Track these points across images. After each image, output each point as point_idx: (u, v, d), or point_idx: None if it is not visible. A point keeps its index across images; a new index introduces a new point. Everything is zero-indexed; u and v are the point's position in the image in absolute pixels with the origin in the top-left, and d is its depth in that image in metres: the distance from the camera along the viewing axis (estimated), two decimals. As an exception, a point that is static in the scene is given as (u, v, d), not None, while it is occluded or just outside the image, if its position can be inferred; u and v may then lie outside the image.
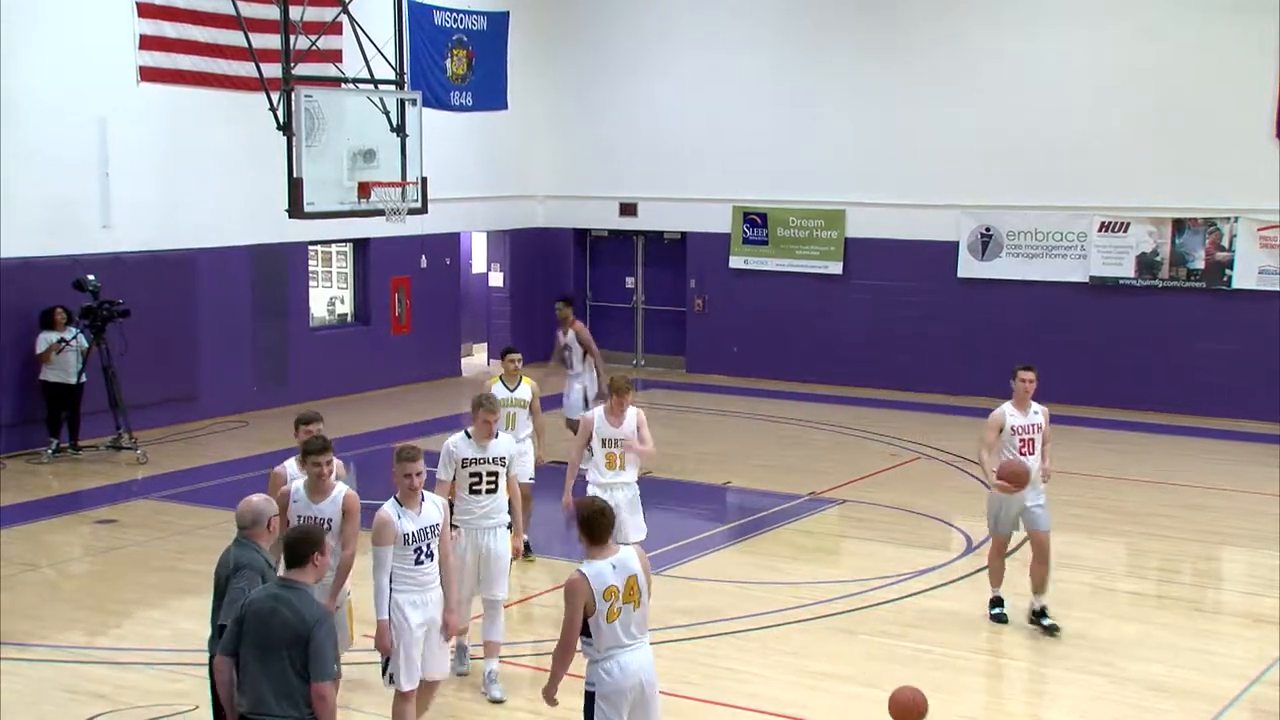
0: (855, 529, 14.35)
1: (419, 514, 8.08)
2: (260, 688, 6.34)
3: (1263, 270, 19.27)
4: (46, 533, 13.67)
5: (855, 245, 21.97)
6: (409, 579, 8.03)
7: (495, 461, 9.42)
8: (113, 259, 17.30)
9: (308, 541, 6.55)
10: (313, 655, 6.28)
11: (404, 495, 8.09)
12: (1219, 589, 12.93)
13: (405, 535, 7.99)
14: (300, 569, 6.50)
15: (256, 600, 6.49)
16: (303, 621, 6.31)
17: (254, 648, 6.37)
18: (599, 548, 6.94)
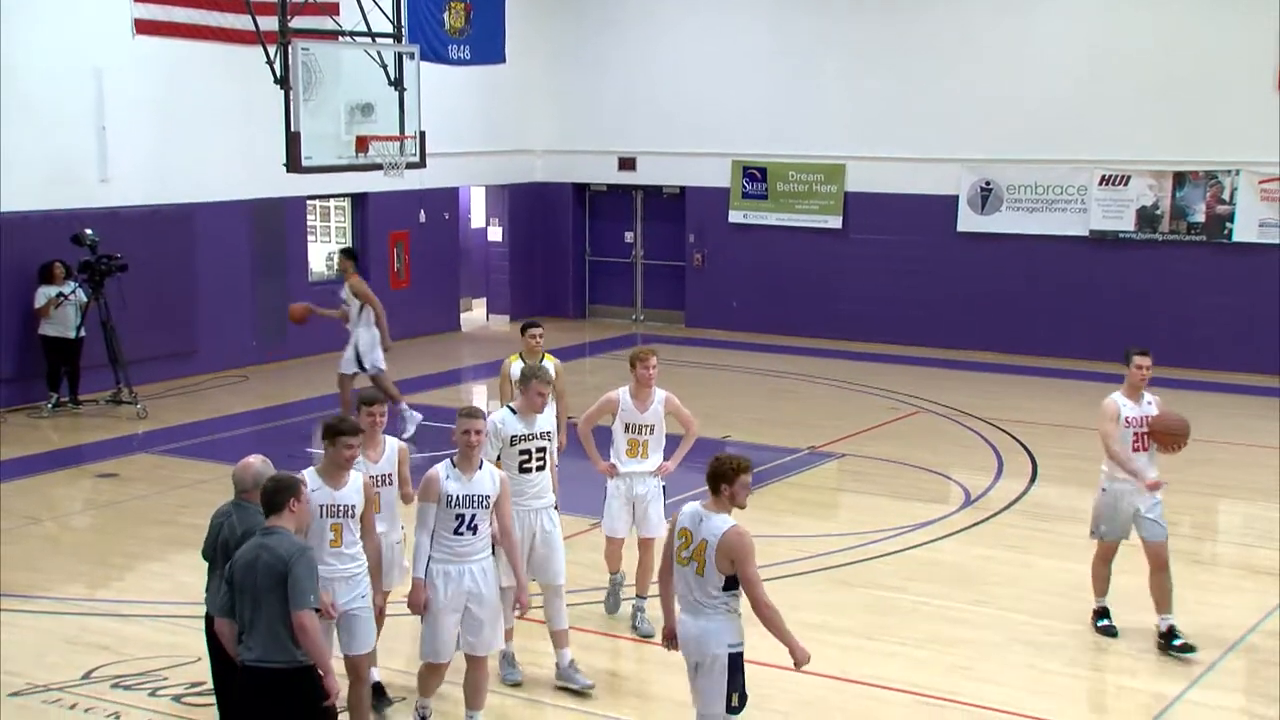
0: (854, 483, 14.39)
1: (470, 480, 7.68)
2: (258, 637, 6.47)
3: (1263, 223, 19.22)
4: (48, 486, 13.69)
5: (855, 199, 21.91)
6: (445, 547, 7.67)
7: (543, 436, 8.79)
8: (110, 213, 17.25)
9: (286, 489, 6.65)
10: (291, 587, 6.41)
11: (460, 456, 7.70)
12: (1217, 541, 12.98)
13: (449, 497, 7.61)
14: (279, 515, 6.62)
15: (242, 554, 6.61)
16: (280, 559, 6.45)
17: (247, 600, 6.50)
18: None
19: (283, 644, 6.42)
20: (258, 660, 6.46)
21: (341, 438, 7.51)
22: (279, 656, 6.43)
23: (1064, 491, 13.77)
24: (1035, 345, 20.61)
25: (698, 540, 6.78)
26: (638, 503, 9.73)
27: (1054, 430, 16.19)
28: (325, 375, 19.11)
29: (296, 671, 6.46)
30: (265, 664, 6.44)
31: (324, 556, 7.30)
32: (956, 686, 8.89)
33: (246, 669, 6.51)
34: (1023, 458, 14.90)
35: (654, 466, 9.78)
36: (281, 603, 6.41)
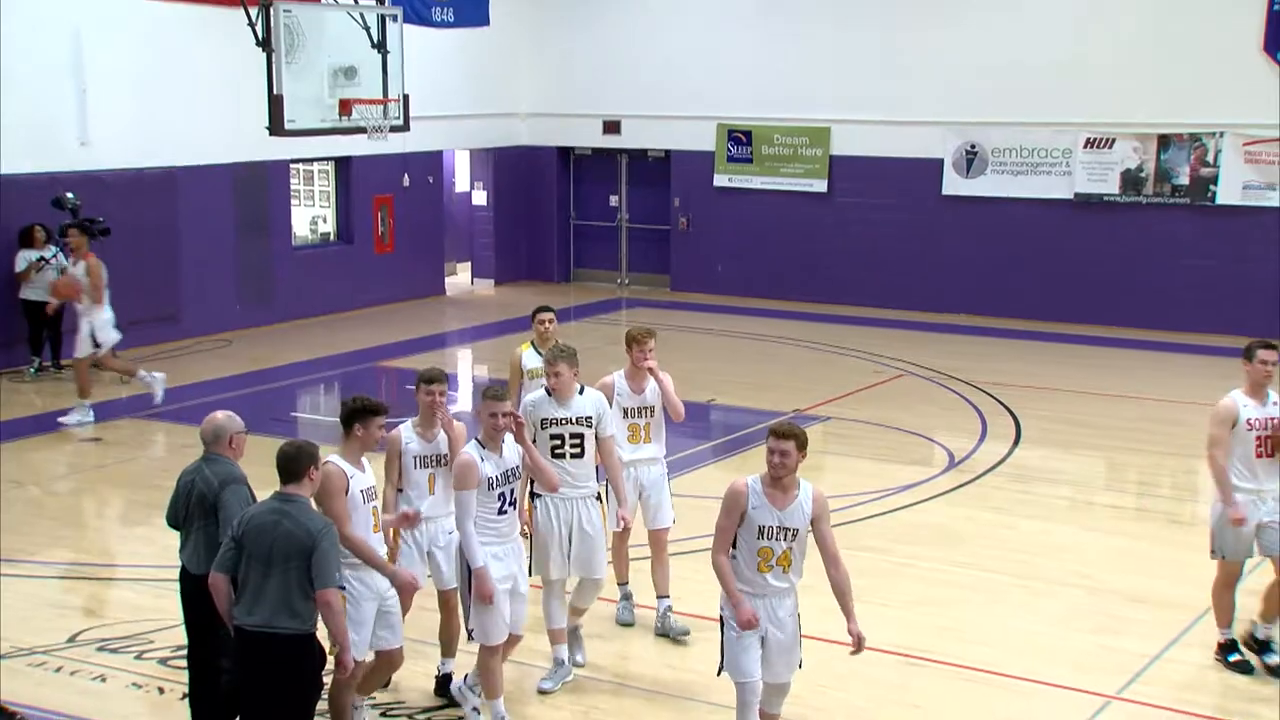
0: (839, 445, 14.43)
1: (501, 457, 7.49)
2: (264, 603, 6.42)
3: (1247, 185, 19.26)
4: (31, 450, 13.67)
5: (840, 163, 21.88)
6: (490, 528, 7.45)
7: (579, 421, 8.26)
8: (92, 177, 17.14)
9: (303, 457, 6.60)
10: (317, 565, 6.37)
11: (486, 436, 7.50)
12: (1196, 501, 13.03)
13: (489, 479, 7.41)
14: (297, 484, 6.57)
15: (256, 516, 6.53)
16: (307, 533, 6.40)
17: (257, 563, 6.44)
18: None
19: (292, 612, 6.39)
20: (260, 625, 6.42)
21: (375, 418, 7.21)
22: (285, 624, 6.40)
23: (1047, 454, 13.84)
24: (1019, 308, 20.67)
25: None
26: (644, 492, 9.04)
27: (1038, 393, 16.25)
28: (308, 339, 19.13)
29: (300, 639, 6.46)
30: (269, 629, 6.41)
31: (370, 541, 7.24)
32: (940, 647, 8.95)
33: (248, 634, 6.46)
34: (1006, 420, 14.96)
35: (657, 452, 9.13)
36: (299, 573, 6.37)
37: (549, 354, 8.44)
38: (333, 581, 6.42)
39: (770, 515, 6.81)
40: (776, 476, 6.79)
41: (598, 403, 8.39)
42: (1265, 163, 19.11)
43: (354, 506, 7.07)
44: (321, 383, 17.36)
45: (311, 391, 17.10)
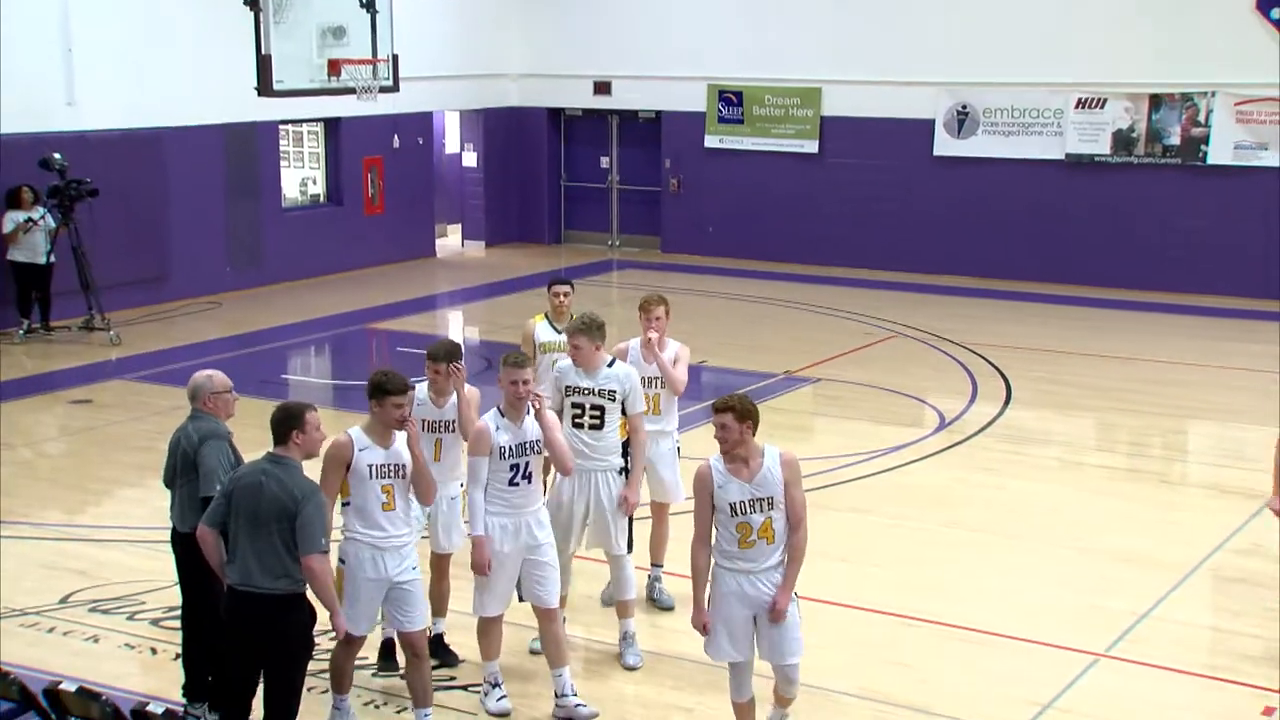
0: (829, 407, 14.46)
1: (520, 427, 7.32)
2: (249, 561, 6.45)
3: (1239, 145, 19.24)
4: (21, 413, 13.65)
5: (831, 124, 21.82)
6: (501, 499, 7.33)
7: (601, 394, 8.03)
8: (78, 137, 17.04)
9: (288, 419, 6.58)
10: (301, 529, 6.38)
11: (507, 405, 7.34)
12: (1186, 462, 13.13)
13: (502, 448, 7.26)
14: (284, 446, 6.57)
15: (245, 475, 6.56)
16: (291, 496, 6.40)
17: (244, 522, 6.46)
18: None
19: (277, 571, 6.42)
20: (246, 584, 6.46)
21: (390, 398, 6.92)
22: (270, 583, 6.43)
23: (1038, 414, 13.88)
24: (1010, 269, 20.66)
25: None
26: (650, 465, 8.72)
27: (1028, 354, 16.28)
28: (298, 302, 19.09)
29: (285, 598, 6.47)
30: (255, 588, 6.44)
31: (377, 520, 6.94)
32: (930, 606, 8.99)
33: (237, 593, 6.51)
34: (997, 381, 14.99)
35: (666, 425, 8.84)
36: (284, 535, 6.39)
37: (570, 327, 8.27)
38: (316, 547, 6.39)
39: (738, 490, 6.62)
40: (725, 451, 6.65)
41: (625, 379, 8.14)
42: (1257, 122, 19.08)
43: (358, 480, 6.91)
44: (311, 345, 17.34)
45: (301, 354, 17.09)
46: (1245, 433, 13.43)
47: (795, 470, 6.71)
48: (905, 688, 7.88)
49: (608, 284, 21.27)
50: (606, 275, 22.04)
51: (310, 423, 6.60)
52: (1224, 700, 7.84)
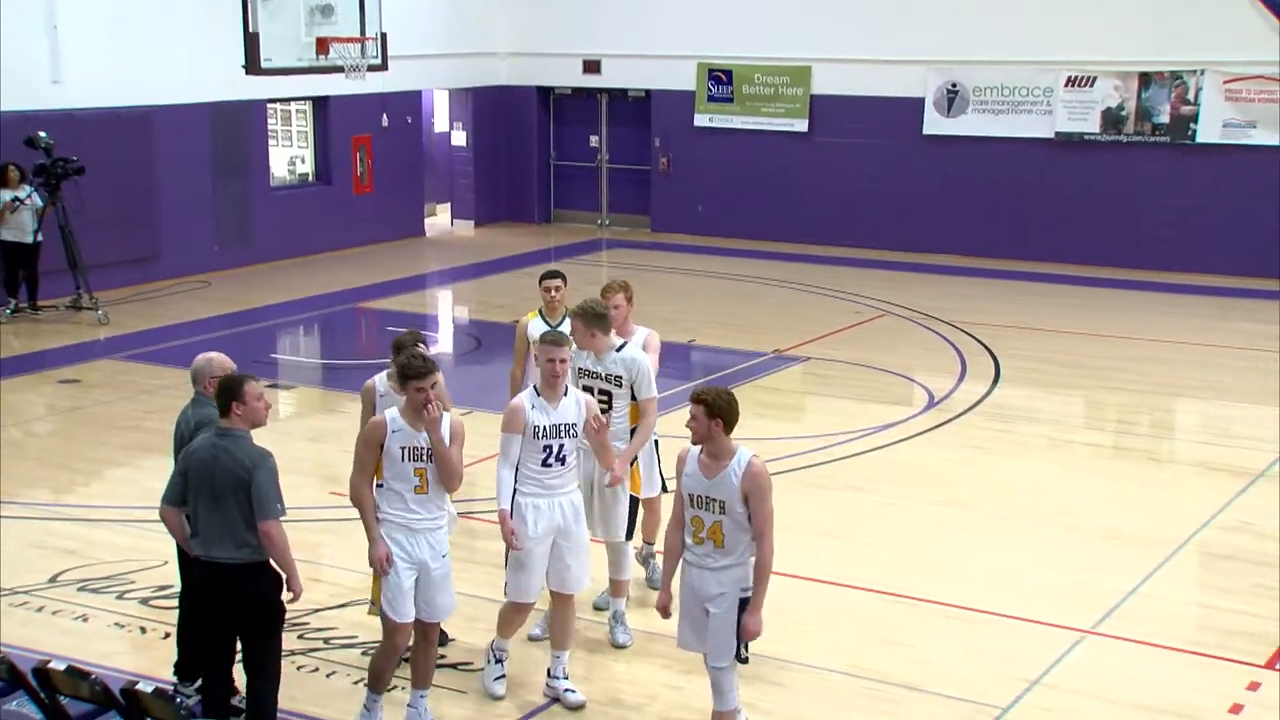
0: (819, 386, 14.47)
1: (555, 408, 7.20)
2: (209, 534, 6.55)
3: (1227, 123, 19.24)
4: (9, 392, 13.59)
5: (821, 102, 21.78)
6: (534, 480, 7.22)
7: (609, 379, 7.93)
8: (65, 116, 16.95)
9: (226, 391, 6.62)
10: (255, 496, 6.45)
11: (544, 384, 7.23)
12: (1173, 439, 13.16)
13: (535, 428, 7.14)
14: (226, 418, 6.60)
15: (197, 450, 6.62)
16: (242, 466, 6.47)
17: (202, 496, 6.55)
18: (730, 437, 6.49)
19: (239, 542, 6.51)
20: (209, 556, 6.57)
21: (410, 382, 6.76)
22: (234, 553, 6.52)
23: (1026, 393, 13.90)
24: (999, 248, 20.67)
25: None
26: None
27: (1017, 332, 16.30)
28: (287, 281, 19.05)
29: (250, 566, 6.56)
30: (220, 560, 6.54)
31: (409, 504, 6.81)
32: (919, 584, 9.01)
33: (203, 565, 6.62)
34: (986, 360, 15.01)
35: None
36: (241, 505, 6.47)
37: (571, 311, 8.11)
38: (272, 513, 6.45)
39: (698, 483, 6.47)
40: (694, 442, 6.57)
41: (632, 364, 7.97)
42: (1246, 101, 19.09)
43: (391, 461, 6.81)
44: (301, 324, 17.30)
45: (291, 333, 17.04)
46: (1233, 410, 13.48)
47: (758, 483, 6.39)
48: (895, 665, 7.90)
49: (597, 264, 21.23)
50: (596, 255, 22.00)
51: (250, 393, 6.60)
52: (1210, 675, 7.87)
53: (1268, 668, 7.91)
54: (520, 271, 19.86)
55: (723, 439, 6.45)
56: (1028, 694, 7.59)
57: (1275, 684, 7.75)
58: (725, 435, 6.45)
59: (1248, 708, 7.49)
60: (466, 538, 9.44)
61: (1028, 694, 7.59)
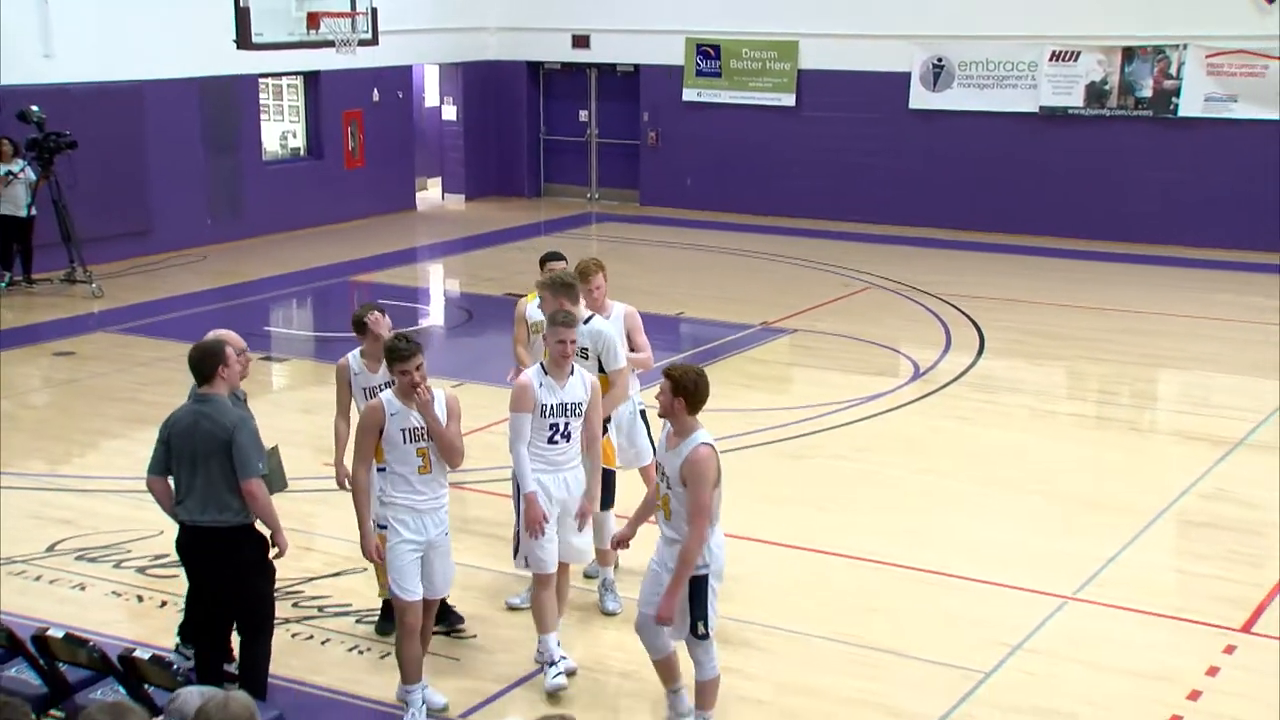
0: (806, 357, 14.51)
1: (563, 387, 7.15)
2: (195, 499, 6.60)
3: (1209, 98, 19.27)
4: (4, 365, 13.57)
5: (808, 77, 21.76)
6: (540, 457, 7.16)
7: (576, 352, 7.56)
8: (57, 90, 16.87)
9: (211, 357, 6.65)
10: (236, 456, 6.50)
11: (552, 364, 7.19)
12: (1154, 409, 13.24)
13: (543, 406, 7.10)
14: (210, 384, 6.64)
15: (179, 419, 6.66)
16: (222, 428, 6.52)
17: (185, 462, 6.60)
18: (695, 418, 6.48)
19: (221, 504, 6.56)
20: (196, 520, 6.62)
21: (394, 365, 6.69)
22: (218, 515, 6.58)
23: (1009, 364, 13.96)
24: (984, 221, 20.70)
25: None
26: (624, 436, 8.40)
27: (1001, 304, 16.36)
28: (280, 254, 19.02)
29: (234, 529, 6.61)
30: (204, 523, 6.60)
31: (414, 484, 6.73)
32: (903, 552, 9.07)
33: (188, 529, 6.67)
34: (970, 331, 15.06)
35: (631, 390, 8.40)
36: (222, 467, 6.52)
37: (538, 281, 8.02)
38: (253, 471, 6.51)
39: (661, 453, 6.56)
40: (659, 415, 6.59)
41: (598, 336, 7.87)
42: (1227, 75, 19.12)
43: (391, 445, 6.75)
44: (294, 297, 17.30)
45: (284, 306, 17.04)
46: (1212, 380, 13.56)
47: (695, 470, 6.34)
48: (879, 631, 7.96)
49: (587, 237, 21.23)
50: (585, 228, 22.00)
51: (230, 356, 6.69)
52: (1188, 639, 7.95)
53: (1244, 631, 8.00)
54: (511, 245, 19.87)
55: (685, 417, 6.46)
56: (1010, 658, 7.66)
57: (1251, 647, 7.84)
58: (688, 414, 6.46)
59: (1224, 670, 7.57)
60: (458, 507, 9.47)
61: (1010, 658, 7.66)
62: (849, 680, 7.44)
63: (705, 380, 6.52)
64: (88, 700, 6.18)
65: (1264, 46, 18.77)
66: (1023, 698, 7.24)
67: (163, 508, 6.81)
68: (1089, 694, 7.29)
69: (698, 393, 6.45)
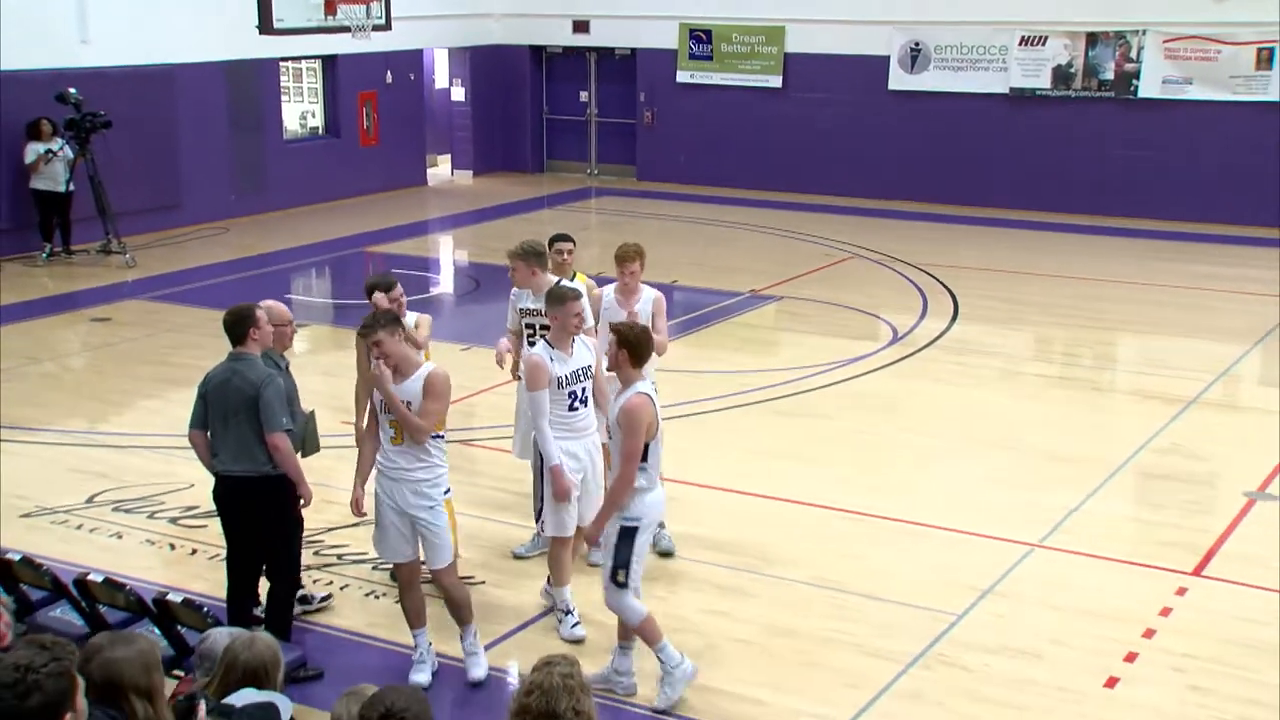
0: (792, 322, 14.50)
1: (570, 356, 7.08)
2: (226, 450, 6.64)
3: (1166, 80, 19.19)
4: (45, 329, 13.58)
5: (794, 60, 21.64)
6: (563, 424, 7.06)
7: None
8: (93, 73, 16.77)
9: (244, 320, 6.65)
10: (262, 411, 6.52)
11: (556, 337, 7.09)
12: (1114, 370, 13.25)
13: (558, 379, 7.02)
14: (243, 344, 6.66)
15: (213, 376, 6.70)
16: (250, 384, 6.55)
17: (218, 417, 6.64)
18: (639, 370, 6.47)
19: (251, 456, 6.59)
20: (230, 470, 6.66)
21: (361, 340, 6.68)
22: (248, 466, 6.60)
23: (982, 329, 13.96)
24: (959, 195, 20.65)
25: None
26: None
27: (974, 273, 16.33)
28: (300, 227, 18.98)
29: (264, 479, 6.63)
30: (236, 473, 6.64)
31: (388, 453, 6.51)
32: (880, 504, 9.09)
33: (221, 478, 6.72)
34: (945, 298, 15.05)
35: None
36: (251, 421, 6.54)
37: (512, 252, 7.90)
38: (277, 426, 6.52)
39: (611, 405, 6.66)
40: (607, 369, 6.62)
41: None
42: (1183, 59, 19.03)
43: (374, 409, 6.66)
44: (313, 267, 17.26)
45: (304, 275, 17.00)
46: (1168, 343, 13.57)
47: (626, 418, 6.31)
48: (858, 576, 7.99)
49: (586, 210, 21.18)
50: (585, 202, 21.93)
51: (260, 319, 6.69)
52: (1144, 583, 7.98)
53: (1195, 575, 8.04)
54: (516, 217, 19.82)
55: (629, 369, 6.47)
56: (980, 601, 7.69)
57: (1201, 589, 7.88)
58: (632, 367, 6.46)
59: (1176, 610, 7.61)
60: (466, 462, 9.50)
61: (980, 601, 7.69)
62: (829, 622, 7.47)
63: (647, 335, 6.60)
64: (126, 641, 6.21)
65: (1217, 33, 18.69)
66: (991, 638, 7.27)
67: (201, 460, 6.84)
68: (1053, 634, 7.32)
69: (639, 345, 6.46)
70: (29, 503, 8.97)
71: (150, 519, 8.76)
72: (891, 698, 6.67)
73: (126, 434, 10.50)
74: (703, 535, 8.53)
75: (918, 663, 6.99)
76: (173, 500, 8.98)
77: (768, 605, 7.66)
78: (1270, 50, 18.56)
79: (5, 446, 10.02)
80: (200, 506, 8.54)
